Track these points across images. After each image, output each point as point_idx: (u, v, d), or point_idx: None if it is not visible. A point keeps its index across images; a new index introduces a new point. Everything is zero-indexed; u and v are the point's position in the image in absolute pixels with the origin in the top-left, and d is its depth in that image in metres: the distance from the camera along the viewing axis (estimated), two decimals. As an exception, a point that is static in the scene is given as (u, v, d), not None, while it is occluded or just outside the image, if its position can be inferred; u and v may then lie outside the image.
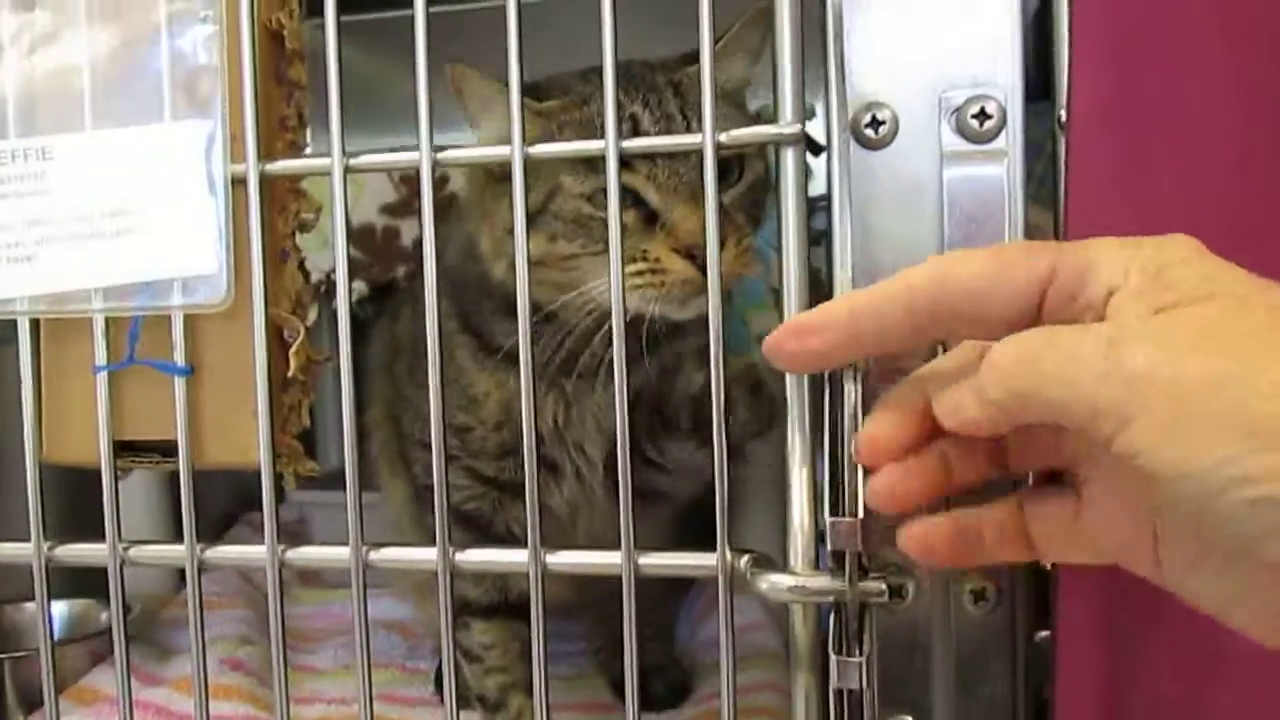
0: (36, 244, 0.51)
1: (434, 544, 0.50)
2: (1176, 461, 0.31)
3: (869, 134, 0.45)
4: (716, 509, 0.45)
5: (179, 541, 0.52)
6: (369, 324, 0.92)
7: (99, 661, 0.89)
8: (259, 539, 0.52)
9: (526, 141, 0.46)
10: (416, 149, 0.47)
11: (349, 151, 0.49)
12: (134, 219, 0.50)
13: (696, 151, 0.58)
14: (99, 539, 0.53)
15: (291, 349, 0.52)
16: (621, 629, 0.48)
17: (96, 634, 0.93)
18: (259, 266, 0.49)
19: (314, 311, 0.57)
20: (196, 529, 0.52)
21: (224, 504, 1.17)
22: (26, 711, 0.83)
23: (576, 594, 0.79)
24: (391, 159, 0.49)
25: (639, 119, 0.60)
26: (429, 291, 0.49)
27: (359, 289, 1.15)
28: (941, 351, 0.44)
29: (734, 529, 0.47)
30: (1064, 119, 0.46)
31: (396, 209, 1.17)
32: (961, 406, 0.38)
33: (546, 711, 0.50)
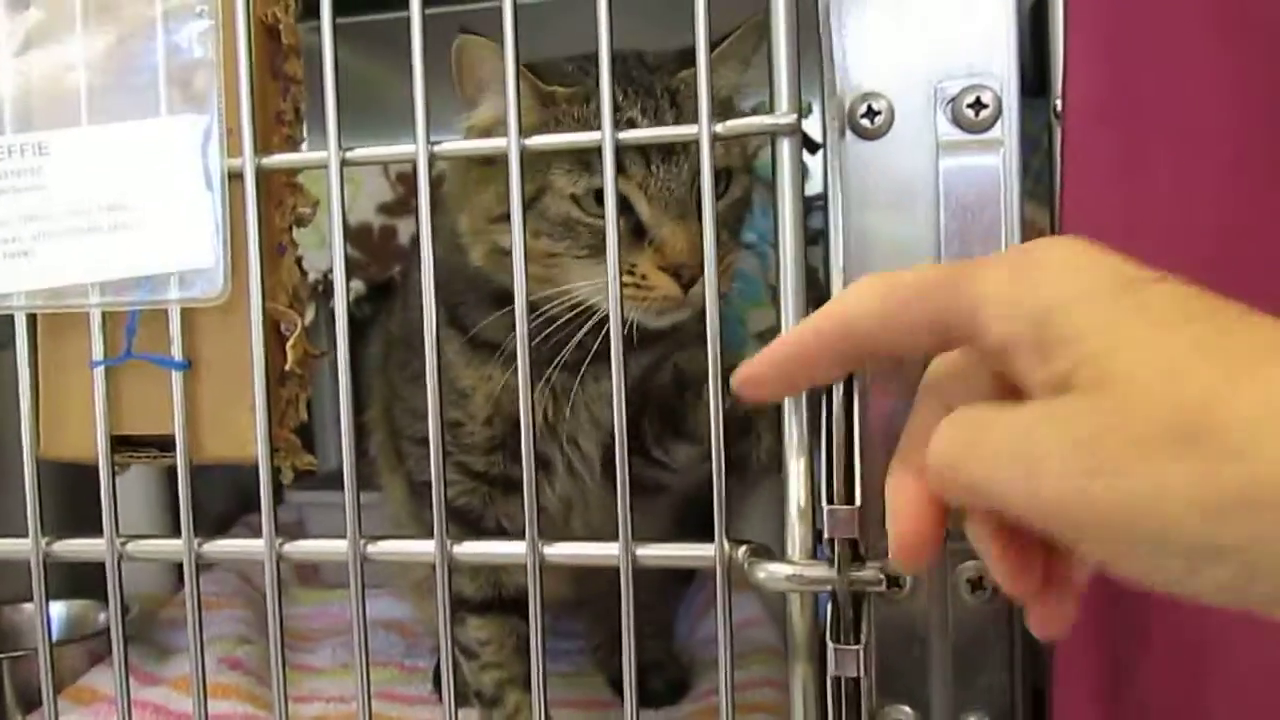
0: (33, 239, 0.51)
1: (431, 538, 0.50)
2: (1136, 575, 0.30)
3: (865, 124, 0.45)
4: (715, 499, 0.45)
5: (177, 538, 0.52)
6: (366, 323, 0.92)
7: (97, 662, 0.89)
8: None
9: (526, 125, 0.46)
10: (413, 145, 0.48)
11: (345, 146, 0.49)
12: (131, 214, 0.50)
13: (689, 167, 0.59)
14: (97, 536, 0.53)
15: (289, 343, 0.52)
16: (620, 627, 0.48)
17: (95, 634, 0.93)
18: (256, 260, 0.49)
19: (312, 311, 0.57)
20: (194, 527, 0.52)
21: (223, 506, 1.17)
22: (25, 711, 0.83)
23: (574, 591, 0.79)
24: (388, 152, 0.49)
25: (636, 124, 0.60)
26: (426, 289, 0.49)
27: (356, 288, 1.15)
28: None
29: (736, 524, 0.47)
30: (1059, 109, 0.46)
31: (393, 208, 1.17)
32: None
33: (545, 704, 0.50)
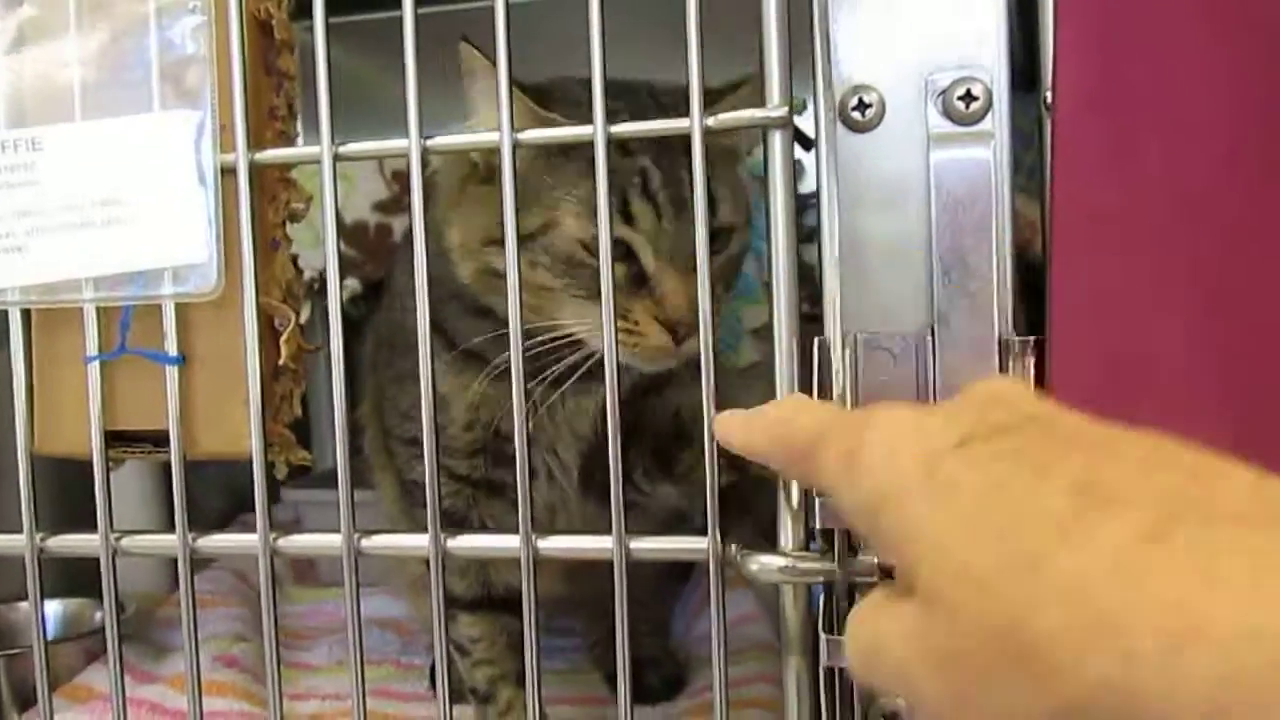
0: (27, 234, 0.51)
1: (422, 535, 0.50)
2: None
3: (856, 117, 0.45)
4: (708, 491, 0.46)
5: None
6: (362, 321, 0.92)
7: (94, 660, 0.89)
8: (253, 540, 0.52)
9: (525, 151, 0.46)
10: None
11: (338, 140, 0.49)
12: (124, 209, 0.50)
13: (687, 220, 0.58)
14: (92, 532, 0.53)
15: (282, 337, 0.52)
16: (615, 626, 0.48)
17: (91, 632, 0.93)
18: (249, 256, 0.49)
19: (307, 309, 0.57)
20: (189, 524, 0.52)
21: (219, 506, 1.17)
22: (21, 709, 0.83)
23: (566, 589, 0.79)
24: (380, 146, 0.50)
25: (648, 175, 0.60)
26: (419, 287, 0.49)
27: (352, 287, 1.14)
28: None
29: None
30: (1050, 101, 0.46)
31: (389, 206, 1.17)
32: None
33: (539, 697, 0.50)
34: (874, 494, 0.32)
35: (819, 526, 0.43)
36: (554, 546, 0.49)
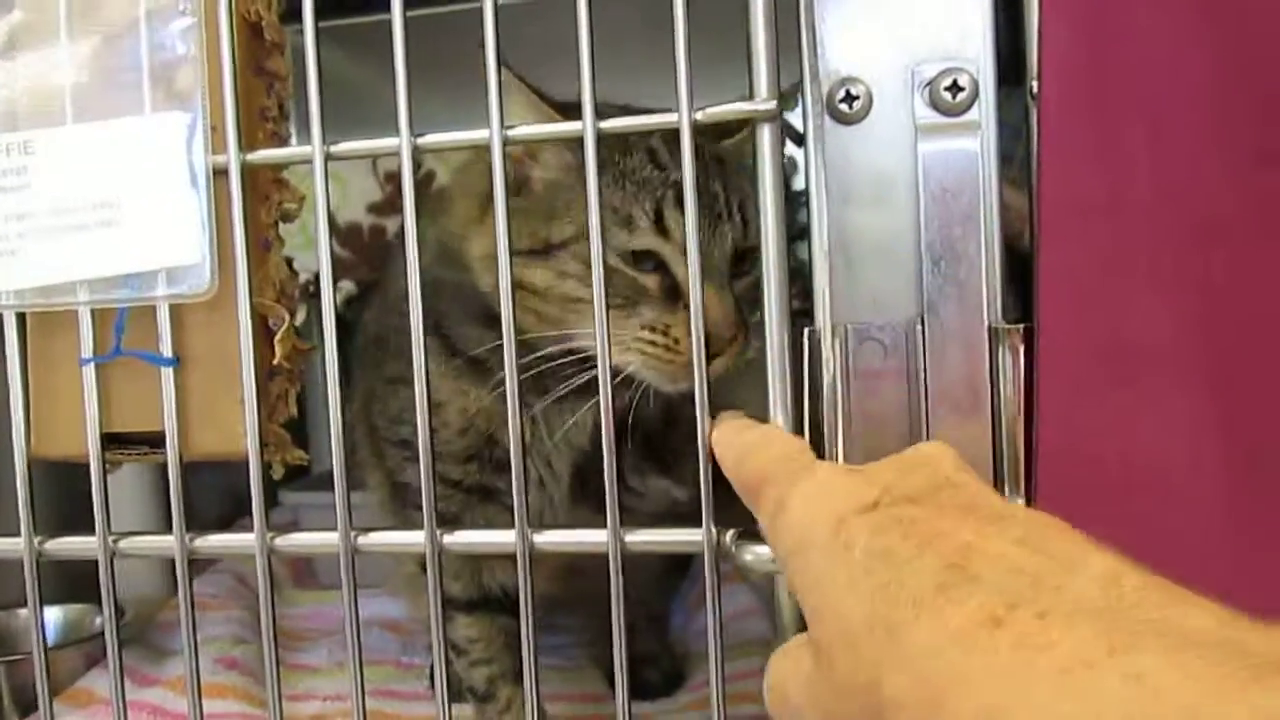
0: (20, 238, 0.51)
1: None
2: None
3: (843, 109, 0.46)
4: (702, 482, 0.46)
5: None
6: (356, 323, 0.92)
7: (94, 665, 0.89)
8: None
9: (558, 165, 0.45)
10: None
11: (329, 140, 0.49)
12: (117, 211, 0.50)
13: (732, 239, 0.59)
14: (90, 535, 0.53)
15: (276, 337, 0.52)
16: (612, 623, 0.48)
17: (91, 638, 0.93)
18: (242, 256, 0.50)
19: (302, 312, 0.58)
20: (187, 527, 0.52)
21: (217, 510, 1.17)
22: (22, 714, 0.83)
23: (560, 588, 0.79)
24: (372, 145, 0.50)
25: (682, 188, 0.59)
26: (412, 286, 0.49)
27: (347, 288, 1.15)
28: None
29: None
30: (1036, 91, 0.46)
31: (382, 208, 1.17)
32: None
33: (537, 695, 0.50)
34: (792, 544, 0.35)
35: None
36: (550, 541, 0.49)
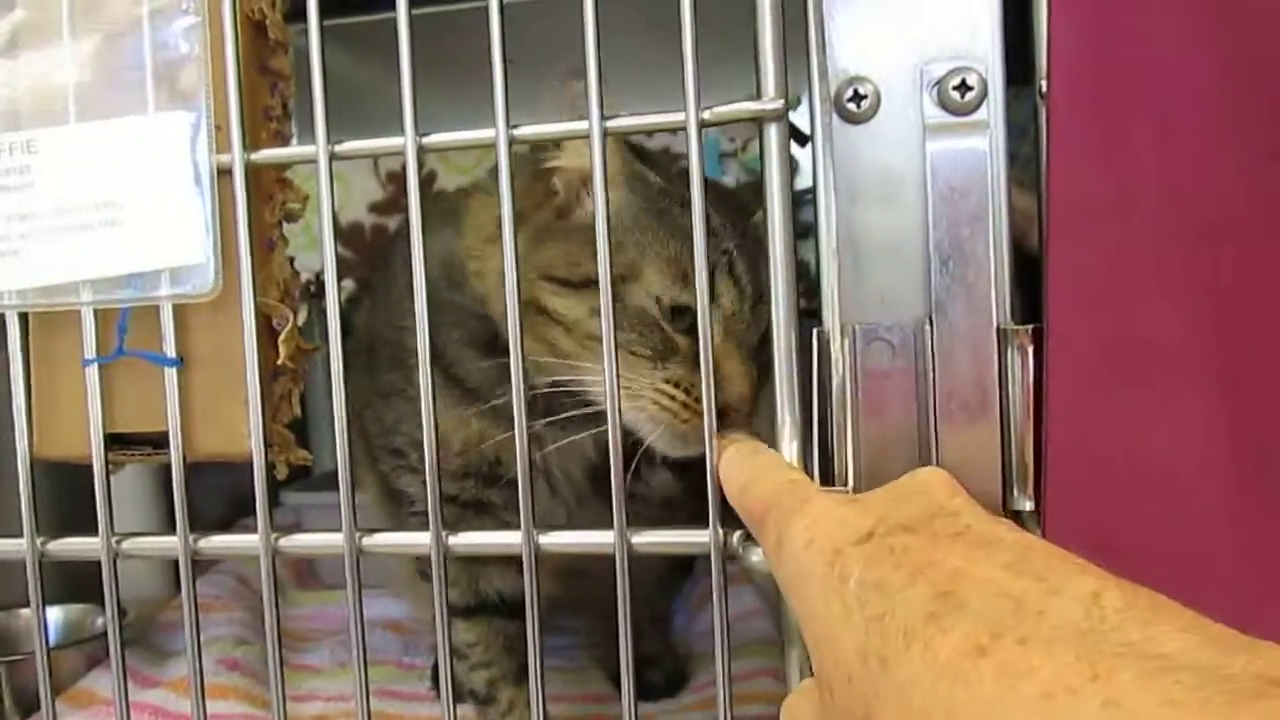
0: (22, 238, 0.51)
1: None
2: None
3: (851, 108, 0.45)
4: (708, 483, 0.46)
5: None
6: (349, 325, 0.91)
7: (96, 666, 0.89)
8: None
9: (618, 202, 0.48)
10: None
11: (334, 139, 0.49)
12: (120, 211, 0.50)
13: (765, 317, 0.56)
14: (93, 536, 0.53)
15: (280, 337, 0.52)
16: (617, 624, 0.48)
17: (92, 638, 0.93)
18: (246, 256, 0.49)
19: (305, 312, 0.57)
20: (190, 526, 0.52)
21: (220, 512, 1.17)
22: (24, 715, 0.83)
23: (561, 589, 0.79)
24: (376, 144, 0.49)
25: (734, 259, 0.59)
26: (418, 291, 0.49)
27: (349, 288, 1.14)
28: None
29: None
30: (1044, 90, 0.46)
31: (384, 207, 1.17)
32: None
33: (542, 695, 0.50)
34: (793, 576, 0.36)
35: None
36: (555, 542, 0.49)
